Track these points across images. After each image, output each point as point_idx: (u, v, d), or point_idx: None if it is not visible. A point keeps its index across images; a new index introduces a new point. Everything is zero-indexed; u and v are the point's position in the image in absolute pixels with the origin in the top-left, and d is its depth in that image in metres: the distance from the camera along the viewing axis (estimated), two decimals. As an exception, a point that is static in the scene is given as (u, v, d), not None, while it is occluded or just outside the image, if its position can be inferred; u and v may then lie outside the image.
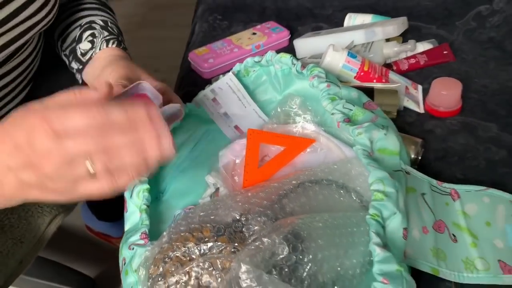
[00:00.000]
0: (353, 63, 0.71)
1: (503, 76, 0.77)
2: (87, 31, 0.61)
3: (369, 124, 0.50)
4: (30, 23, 0.54)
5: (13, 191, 0.39)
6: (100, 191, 0.37)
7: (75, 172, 0.36)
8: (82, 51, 0.61)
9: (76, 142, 0.35)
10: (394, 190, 0.44)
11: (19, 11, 0.51)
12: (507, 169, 0.60)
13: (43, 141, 0.35)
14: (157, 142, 0.37)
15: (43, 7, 0.54)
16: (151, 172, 0.40)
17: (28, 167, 0.37)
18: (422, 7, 1.01)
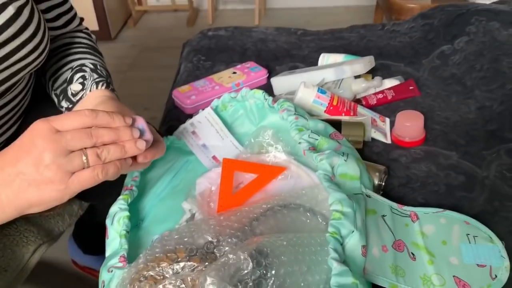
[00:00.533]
0: (323, 98, 0.77)
1: (463, 109, 0.84)
2: (78, 73, 0.66)
3: (330, 152, 0.55)
4: (22, 64, 0.58)
5: (12, 195, 0.44)
6: (93, 179, 0.45)
7: (71, 162, 0.43)
8: (73, 91, 0.65)
9: (72, 137, 0.44)
10: (352, 210, 0.48)
11: (12, 53, 0.55)
12: (464, 193, 0.65)
13: (44, 135, 0.43)
14: (133, 144, 0.48)
15: (34, 50, 0.58)
16: (132, 169, 0.51)
17: (30, 161, 0.43)
18: (391, 47, 1.09)
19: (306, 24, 2.91)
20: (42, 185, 0.43)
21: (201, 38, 1.18)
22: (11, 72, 0.57)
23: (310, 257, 0.47)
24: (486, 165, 0.70)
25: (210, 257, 0.48)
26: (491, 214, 0.61)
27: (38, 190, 0.44)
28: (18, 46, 0.55)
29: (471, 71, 0.91)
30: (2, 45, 0.53)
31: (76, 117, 0.45)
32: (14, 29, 0.54)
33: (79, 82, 0.65)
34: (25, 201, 0.45)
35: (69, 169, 0.44)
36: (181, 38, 1.43)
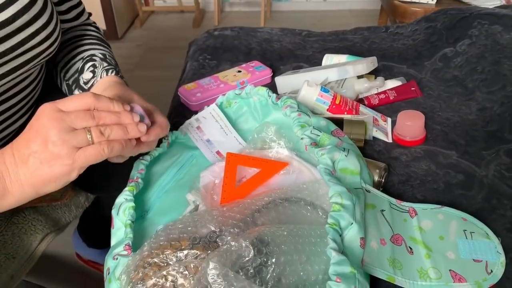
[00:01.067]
0: (326, 97, 0.78)
1: (464, 110, 0.85)
2: (88, 63, 0.70)
3: (332, 147, 0.56)
4: (35, 52, 0.61)
5: (29, 173, 0.47)
6: (99, 154, 0.48)
7: (76, 138, 0.47)
8: (85, 80, 0.69)
9: (76, 116, 0.47)
10: (351, 202, 0.49)
11: (27, 40, 0.58)
12: (462, 191, 0.66)
13: (50, 115, 0.47)
14: (135, 127, 0.51)
15: (47, 38, 0.61)
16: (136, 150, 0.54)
17: (39, 139, 0.46)
18: (394, 49, 1.10)
19: (311, 27, 2.92)
20: (52, 161, 0.47)
21: (207, 38, 1.19)
22: (25, 59, 0.59)
23: (309, 247, 0.49)
24: (485, 164, 0.71)
25: (212, 246, 0.50)
26: (489, 212, 0.62)
27: (48, 166, 0.47)
28: (32, 33, 0.58)
29: (472, 73, 0.92)
30: (17, 31, 0.56)
31: (79, 99, 0.49)
32: (28, 17, 0.57)
33: (90, 70, 0.69)
34: (39, 178, 0.48)
35: (74, 144, 0.47)
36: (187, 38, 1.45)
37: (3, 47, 0.56)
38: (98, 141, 0.48)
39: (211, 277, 0.41)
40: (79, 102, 0.49)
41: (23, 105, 0.69)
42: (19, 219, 0.66)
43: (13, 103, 0.67)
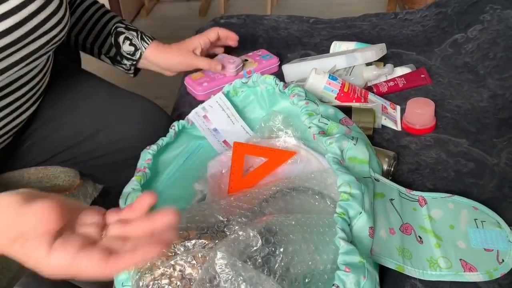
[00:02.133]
0: (334, 84, 0.77)
1: (475, 97, 0.83)
2: (120, 36, 0.83)
3: (340, 135, 0.55)
4: (47, 38, 0.61)
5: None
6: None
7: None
8: (130, 52, 0.83)
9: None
10: (360, 192, 0.48)
11: (40, 25, 0.59)
12: (473, 180, 0.65)
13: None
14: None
15: (58, 23, 0.62)
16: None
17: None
18: (403, 35, 1.08)
19: (319, 14, 2.87)
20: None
21: (213, 26, 1.18)
22: (38, 45, 0.60)
23: (318, 237, 0.48)
24: (497, 152, 0.70)
25: (220, 236, 0.50)
26: (500, 201, 0.61)
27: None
28: (44, 19, 0.59)
29: (484, 60, 0.90)
30: (30, 17, 0.57)
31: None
32: (40, 2, 0.58)
33: (128, 44, 0.83)
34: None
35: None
36: (193, 28, 1.44)
37: (18, 33, 0.56)
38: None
39: (219, 266, 0.41)
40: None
41: (31, 96, 0.69)
42: (28, 209, 0.67)
43: (22, 93, 0.67)
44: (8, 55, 0.56)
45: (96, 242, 0.39)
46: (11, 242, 0.38)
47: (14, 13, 0.55)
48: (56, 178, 0.77)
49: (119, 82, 0.88)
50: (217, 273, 0.41)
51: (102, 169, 0.79)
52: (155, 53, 0.84)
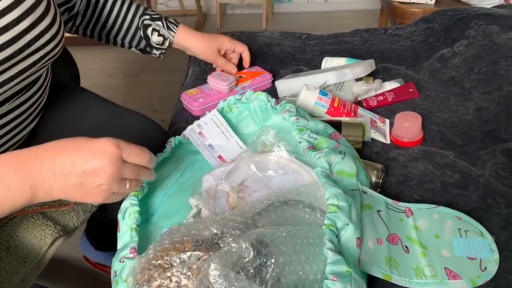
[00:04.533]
0: (325, 100, 0.80)
1: (461, 110, 0.86)
2: (148, 29, 0.90)
3: (328, 150, 0.58)
4: (41, 54, 0.63)
5: (62, 185, 0.51)
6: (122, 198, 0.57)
7: (119, 188, 0.53)
8: (159, 42, 0.92)
9: (130, 171, 0.53)
10: (347, 204, 0.51)
11: (33, 41, 0.61)
12: (459, 191, 0.67)
13: (111, 159, 0.51)
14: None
15: (52, 39, 0.64)
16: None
17: (91, 171, 0.50)
18: (393, 50, 1.12)
19: (313, 28, 2.94)
20: (89, 193, 0.51)
21: (208, 43, 1.21)
22: (32, 61, 0.62)
23: (308, 248, 0.50)
24: (482, 164, 0.73)
25: (214, 248, 0.52)
26: (484, 211, 0.64)
27: (83, 194, 0.52)
28: (37, 35, 0.61)
29: (469, 74, 0.93)
30: (23, 33, 0.59)
31: (139, 156, 0.54)
32: (33, 18, 0.60)
33: (156, 35, 0.91)
34: (68, 196, 0.52)
35: (115, 191, 0.53)
36: (189, 42, 1.47)
37: (12, 49, 0.58)
38: (130, 191, 0.56)
39: (213, 277, 0.43)
40: (139, 158, 0.54)
41: (30, 113, 0.72)
42: (29, 225, 0.69)
43: (22, 111, 0.69)
44: (3, 71, 0.58)
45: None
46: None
47: (6, 30, 0.57)
48: (56, 194, 0.79)
49: (117, 97, 0.91)
50: (211, 284, 0.43)
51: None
52: (183, 38, 0.93)
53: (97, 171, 0.50)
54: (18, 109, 0.69)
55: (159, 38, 0.91)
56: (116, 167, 0.51)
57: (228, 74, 0.95)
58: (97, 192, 0.52)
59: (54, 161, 0.50)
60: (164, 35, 0.91)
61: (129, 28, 0.91)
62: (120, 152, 0.51)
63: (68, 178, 0.50)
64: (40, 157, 0.50)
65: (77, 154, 0.50)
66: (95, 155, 0.50)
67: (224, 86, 0.92)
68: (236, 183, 0.64)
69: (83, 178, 0.50)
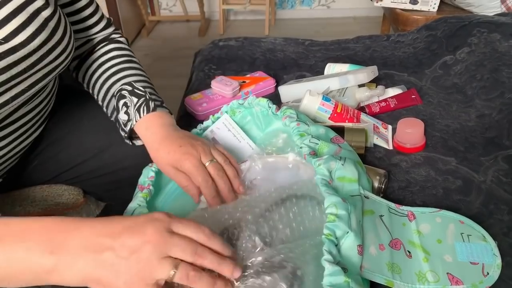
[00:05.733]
0: (327, 105, 0.81)
1: (463, 117, 0.87)
2: (120, 101, 0.68)
3: (328, 157, 0.58)
4: (52, 66, 0.63)
5: (92, 264, 0.42)
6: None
7: (159, 272, 0.43)
8: (123, 121, 0.68)
9: (179, 245, 0.44)
10: (346, 212, 0.51)
11: (45, 56, 0.61)
12: (461, 197, 0.68)
13: (158, 228, 0.44)
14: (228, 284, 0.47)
15: (63, 52, 0.64)
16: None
17: (129, 243, 0.43)
18: (395, 57, 1.13)
19: (315, 34, 2.96)
20: (121, 272, 0.42)
21: (212, 48, 1.23)
22: (43, 74, 0.62)
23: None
24: (484, 170, 0.73)
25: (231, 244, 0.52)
26: (486, 217, 0.64)
27: (114, 274, 0.42)
28: (49, 49, 0.61)
29: (471, 81, 0.94)
30: (37, 49, 0.59)
31: (194, 230, 0.46)
32: (46, 34, 0.60)
33: (124, 112, 0.67)
34: (92, 277, 0.42)
35: (153, 276, 0.43)
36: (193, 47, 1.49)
37: (24, 64, 0.58)
38: (177, 280, 0.43)
39: None
40: (193, 233, 0.45)
41: (37, 120, 0.72)
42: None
43: (29, 118, 0.70)
44: (15, 85, 0.58)
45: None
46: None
47: (22, 47, 0.57)
48: (60, 196, 0.80)
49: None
50: None
51: (105, 187, 0.82)
52: (144, 128, 0.66)
53: (137, 236, 0.44)
54: (26, 116, 0.69)
55: (125, 116, 0.67)
56: (159, 233, 0.43)
57: (230, 79, 0.95)
58: (131, 272, 0.43)
59: (91, 229, 0.44)
60: (130, 114, 0.67)
61: (108, 91, 0.73)
62: (170, 223, 0.45)
63: (100, 249, 0.43)
64: (78, 226, 0.44)
65: (115, 221, 0.45)
66: (139, 221, 0.45)
67: (228, 91, 0.92)
68: (245, 182, 0.65)
69: (120, 248, 0.43)
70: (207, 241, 0.46)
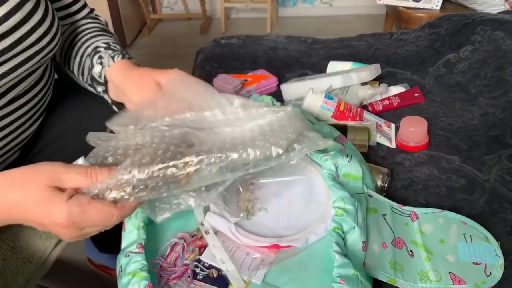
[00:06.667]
0: (330, 104, 0.80)
1: (467, 116, 0.86)
2: (95, 56, 0.69)
3: (335, 152, 0.58)
4: (36, 48, 0.62)
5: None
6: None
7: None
8: (98, 74, 0.68)
9: (90, 231, 0.48)
10: (353, 207, 0.51)
11: (24, 37, 0.59)
12: (465, 195, 0.67)
13: (68, 230, 0.47)
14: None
15: (45, 34, 0.62)
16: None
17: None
18: (398, 55, 1.12)
19: (317, 32, 2.95)
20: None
21: (214, 46, 1.22)
22: (26, 57, 0.61)
23: None
24: (487, 169, 0.73)
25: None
26: (490, 216, 0.63)
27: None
28: (28, 30, 0.60)
29: (475, 79, 0.93)
30: (12, 30, 0.58)
31: (100, 220, 0.48)
32: (22, 14, 0.58)
33: (98, 63, 0.68)
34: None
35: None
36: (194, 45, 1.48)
37: (0, 46, 0.57)
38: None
39: None
40: (100, 225, 0.49)
41: (34, 113, 0.72)
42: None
43: (25, 111, 0.70)
44: None
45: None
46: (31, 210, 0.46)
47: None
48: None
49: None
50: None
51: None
52: (117, 71, 0.67)
53: (55, 233, 0.48)
54: (21, 109, 0.69)
55: (98, 67, 0.68)
56: (69, 236, 0.47)
57: (232, 77, 0.95)
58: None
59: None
60: (103, 63, 0.68)
61: (84, 52, 0.73)
62: (73, 225, 0.46)
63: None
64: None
65: (27, 217, 0.48)
66: (42, 219, 0.47)
67: (230, 90, 0.92)
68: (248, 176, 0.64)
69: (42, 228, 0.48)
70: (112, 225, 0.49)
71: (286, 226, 0.57)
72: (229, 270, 0.52)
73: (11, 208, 0.47)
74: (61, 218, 0.45)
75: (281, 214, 0.59)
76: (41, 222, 0.47)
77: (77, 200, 0.45)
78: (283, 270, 0.52)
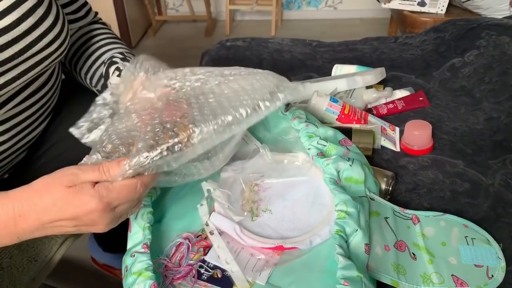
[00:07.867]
0: (335, 106, 0.81)
1: (471, 120, 0.86)
2: (111, 66, 0.71)
3: (336, 157, 0.58)
4: (45, 53, 0.62)
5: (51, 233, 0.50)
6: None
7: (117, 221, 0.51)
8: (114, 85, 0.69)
9: (122, 210, 0.51)
10: (356, 210, 0.51)
11: (35, 42, 0.60)
12: (469, 200, 0.68)
13: (101, 213, 0.48)
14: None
15: (55, 39, 0.63)
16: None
17: (79, 221, 0.49)
18: (403, 59, 1.12)
19: (322, 35, 2.95)
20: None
21: (219, 48, 1.23)
22: (35, 61, 0.62)
23: None
24: (492, 173, 0.73)
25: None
26: (494, 220, 0.64)
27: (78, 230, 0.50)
28: (39, 35, 0.60)
29: (480, 84, 0.94)
30: (23, 35, 0.58)
31: (127, 194, 0.50)
32: (33, 20, 0.59)
33: (116, 75, 0.70)
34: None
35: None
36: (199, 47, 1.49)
37: (11, 51, 0.57)
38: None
39: None
40: (128, 196, 0.50)
41: (41, 114, 0.73)
42: (41, 223, 0.70)
43: (33, 112, 0.70)
44: (4, 72, 0.58)
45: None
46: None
47: (6, 32, 0.56)
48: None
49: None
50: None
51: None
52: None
53: (89, 227, 0.50)
54: (28, 110, 0.70)
55: (116, 79, 0.70)
56: (105, 215, 0.49)
57: None
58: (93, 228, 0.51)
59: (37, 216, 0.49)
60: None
61: (98, 58, 0.75)
62: (104, 204, 0.48)
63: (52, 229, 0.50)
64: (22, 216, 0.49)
65: (60, 216, 0.49)
66: (78, 210, 0.48)
67: None
68: (253, 177, 0.66)
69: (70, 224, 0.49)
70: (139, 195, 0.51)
71: (290, 227, 0.58)
72: (233, 271, 0.53)
73: (41, 214, 0.48)
74: (95, 203, 0.47)
75: (285, 216, 0.59)
76: (75, 215, 0.48)
77: (102, 184, 0.48)
78: (287, 271, 0.52)
